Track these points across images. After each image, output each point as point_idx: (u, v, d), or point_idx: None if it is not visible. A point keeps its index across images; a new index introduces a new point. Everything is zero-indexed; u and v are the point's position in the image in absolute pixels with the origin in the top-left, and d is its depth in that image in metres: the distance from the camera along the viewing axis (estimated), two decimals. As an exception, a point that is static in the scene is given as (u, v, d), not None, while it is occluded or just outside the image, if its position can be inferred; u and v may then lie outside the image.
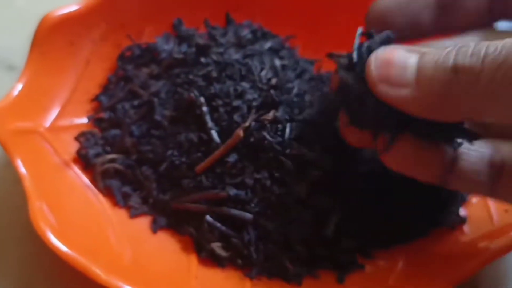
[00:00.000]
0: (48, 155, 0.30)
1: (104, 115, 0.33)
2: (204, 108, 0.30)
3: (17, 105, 0.29)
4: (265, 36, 0.35)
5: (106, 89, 0.33)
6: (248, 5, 0.37)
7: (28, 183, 0.27)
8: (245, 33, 0.34)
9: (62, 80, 0.32)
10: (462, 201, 0.32)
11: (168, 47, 0.33)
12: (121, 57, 0.34)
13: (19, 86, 0.30)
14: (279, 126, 0.29)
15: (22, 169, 0.27)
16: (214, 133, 0.30)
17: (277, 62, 0.32)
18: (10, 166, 0.28)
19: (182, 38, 0.34)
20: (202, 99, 0.30)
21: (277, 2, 0.37)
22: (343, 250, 0.30)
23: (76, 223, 0.28)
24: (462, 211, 0.32)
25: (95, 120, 0.33)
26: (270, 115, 0.29)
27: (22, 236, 0.30)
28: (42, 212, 0.26)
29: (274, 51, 0.34)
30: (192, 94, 0.30)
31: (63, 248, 0.26)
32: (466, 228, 0.32)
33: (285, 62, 0.33)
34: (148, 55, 0.34)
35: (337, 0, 0.37)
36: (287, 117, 0.29)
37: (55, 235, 0.26)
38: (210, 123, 0.30)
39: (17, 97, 0.29)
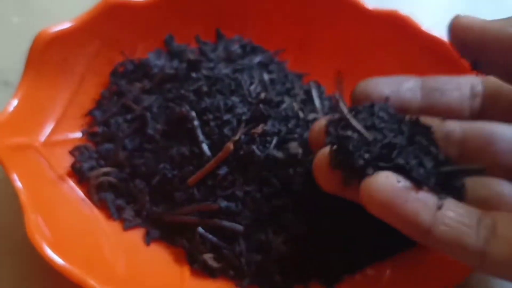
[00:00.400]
0: (44, 169, 0.31)
1: (98, 129, 0.33)
2: (195, 122, 0.31)
3: (13, 121, 0.30)
4: (255, 50, 0.36)
5: (99, 104, 0.34)
6: (239, 21, 0.38)
7: (24, 197, 0.28)
8: (235, 48, 0.35)
9: (56, 95, 0.33)
10: None
11: (160, 62, 0.34)
12: (115, 73, 0.35)
13: (15, 102, 0.30)
14: (268, 139, 0.30)
15: (18, 183, 0.28)
16: (205, 147, 0.30)
17: (266, 76, 0.33)
18: (7, 181, 0.29)
19: (173, 54, 0.35)
20: (193, 114, 0.31)
21: (267, 18, 0.38)
22: (331, 265, 0.30)
23: (71, 236, 0.29)
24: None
25: (89, 134, 0.33)
26: (259, 128, 0.30)
27: (19, 248, 0.30)
28: (38, 225, 0.27)
29: (263, 65, 0.35)
30: (183, 109, 0.31)
31: (58, 260, 0.26)
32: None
33: (274, 76, 0.34)
34: (140, 70, 0.35)
35: (325, 15, 0.37)
36: (275, 130, 0.30)
37: (51, 248, 0.26)
38: (201, 137, 0.31)
39: (13, 113, 0.30)
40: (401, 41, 0.37)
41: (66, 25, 0.32)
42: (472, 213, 0.24)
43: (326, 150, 0.26)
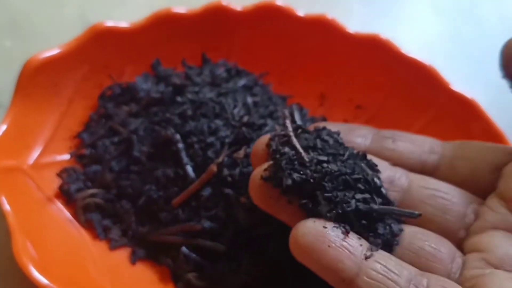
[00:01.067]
0: (32, 191, 0.31)
1: (86, 151, 0.34)
2: (180, 145, 0.32)
3: (2, 145, 0.31)
4: (239, 74, 0.37)
5: (87, 126, 0.35)
6: (225, 45, 0.39)
7: (11, 219, 0.28)
8: (220, 71, 0.36)
9: (45, 118, 0.34)
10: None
11: (146, 86, 0.35)
12: (102, 96, 0.36)
13: (3, 127, 0.31)
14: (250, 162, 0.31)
15: (6, 206, 0.29)
16: (189, 168, 0.31)
17: (250, 99, 0.34)
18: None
19: (160, 78, 0.36)
20: (178, 136, 0.32)
21: (252, 42, 0.39)
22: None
23: (58, 256, 0.30)
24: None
25: (77, 157, 0.34)
26: (241, 152, 0.31)
27: (7, 269, 0.31)
28: (25, 247, 0.28)
29: (247, 88, 0.36)
30: (168, 132, 0.32)
31: (44, 281, 0.27)
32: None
33: (258, 99, 0.35)
34: (128, 94, 0.36)
35: (308, 39, 0.39)
36: None
37: (37, 269, 0.27)
38: (185, 159, 0.31)
39: (2, 136, 0.31)
40: (382, 64, 0.38)
41: (55, 51, 0.33)
42: (403, 269, 0.23)
43: (265, 164, 0.25)
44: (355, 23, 0.40)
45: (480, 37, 0.50)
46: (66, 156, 0.34)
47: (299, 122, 0.33)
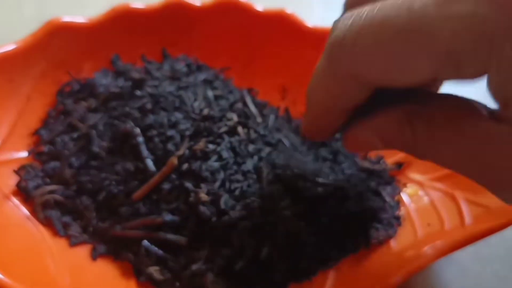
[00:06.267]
0: (-12, 189, 0.31)
1: (44, 148, 0.34)
2: (139, 138, 0.32)
3: (-44, 142, 0.30)
4: (200, 69, 0.37)
5: (46, 123, 0.34)
6: (185, 40, 0.39)
7: (-34, 217, 0.28)
8: (180, 66, 0.36)
9: (2, 116, 0.33)
10: (392, 218, 0.34)
11: (105, 81, 0.35)
12: (61, 92, 0.35)
13: (-41, 124, 0.30)
14: (210, 154, 0.31)
15: (-39, 204, 0.28)
16: (149, 162, 0.31)
17: (210, 93, 0.34)
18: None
19: (119, 73, 0.36)
20: (137, 130, 0.32)
21: (212, 37, 0.39)
22: (276, 272, 0.31)
23: (16, 254, 0.29)
24: (392, 226, 0.34)
25: (35, 154, 0.34)
26: (201, 144, 0.31)
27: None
28: (-19, 245, 0.27)
29: (208, 83, 0.36)
30: (127, 125, 0.32)
31: (3, 279, 0.26)
32: (393, 242, 0.34)
33: (218, 92, 0.35)
34: (86, 89, 0.35)
35: (267, 34, 0.39)
36: (217, 146, 0.31)
37: (-5, 266, 0.27)
38: (145, 152, 0.31)
39: (-43, 134, 0.30)
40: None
41: (10, 47, 0.32)
42: None
43: None
44: (314, 18, 0.40)
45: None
46: (24, 154, 0.33)
47: (252, 107, 0.34)
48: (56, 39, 0.34)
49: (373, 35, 0.20)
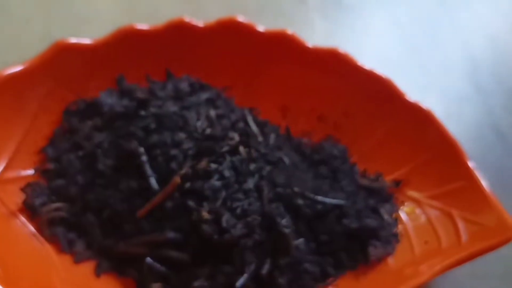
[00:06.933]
0: (-5, 206, 0.32)
1: (50, 166, 0.34)
2: (143, 157, 0.32)
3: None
4: (203, 88, 0.38)
5: (52, 141, 0.35)
6: (188, 60, 0.40)
7: (-26, 235, 0.28)
8: (184, 86, 0.37)
9: (9, 134, 0.34)
10: (390, 235, 0.35)
11: (110, 101, 0.36)
12: (67, 111, 0.36)
13: (-33, 143, 0.31)
14: (212, 174, 0.31)
15: (-31, 221, 0.29)
16: (153, 180, 0.32)
17: (212, 112, 0.35)
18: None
19: (124, 93, 0.37)
20: (141, 149, 0.32)
21: (215, 57, 0.40)
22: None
23: (22, 271, 0.30)
24: (390, 244, 0.35)
25: (42, 171, 0.34)
26: (203, 163, 0.31)
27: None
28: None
29: (210, 102, 0.37)
30: (132, 145, 0.33)
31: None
32: (390, 259, 0.34)
33: (221, 111, 0.36)
34: (92, 109, 0.36)
35: (269, 54, 0.40)
36: (219, 165, 0.32)
37: (2, 284, 0.27)
38: (149, 171, 0.32)
39: (-35, 152, 0.31)
40: (341, 76, 0.39)
41: (19, 67, 0.33)
42: None
43: None
44: (316, 37, 0.41)
45: (435, 49, 0.52)
46: (31, 171, 0.34)
47: (253, 126, 0.35)
48: (63, 59, 0.35)
49: None
